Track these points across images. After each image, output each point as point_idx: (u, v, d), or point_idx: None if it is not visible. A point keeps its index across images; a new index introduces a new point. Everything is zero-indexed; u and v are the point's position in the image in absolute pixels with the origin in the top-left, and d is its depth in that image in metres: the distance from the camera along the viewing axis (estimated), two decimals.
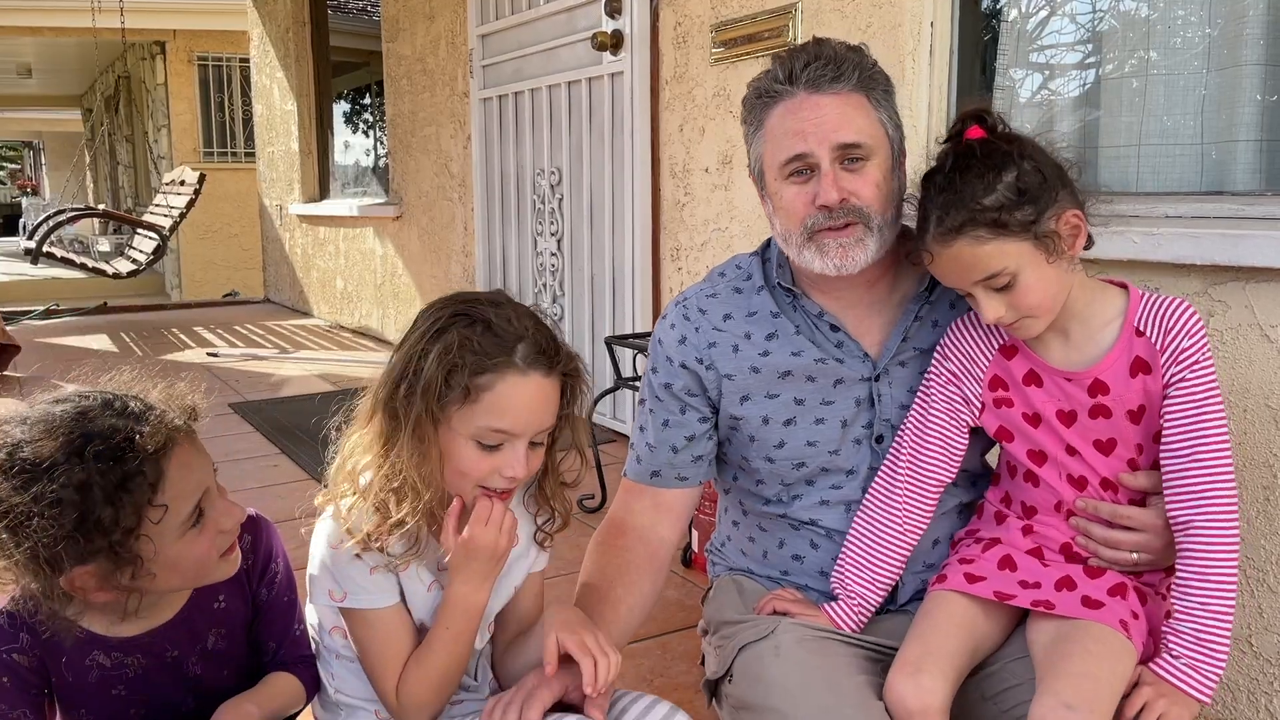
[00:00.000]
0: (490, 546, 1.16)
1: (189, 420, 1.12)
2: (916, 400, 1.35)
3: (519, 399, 1.13)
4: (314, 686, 1.29)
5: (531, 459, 1.18)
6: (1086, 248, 1.24)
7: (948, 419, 1.32)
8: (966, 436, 1.33)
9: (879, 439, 1.38)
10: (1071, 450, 1.26)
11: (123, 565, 1.03)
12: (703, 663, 1.45)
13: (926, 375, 1.35)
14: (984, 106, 1.24)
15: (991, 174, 1.16)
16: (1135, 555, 1.24)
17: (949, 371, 1.32)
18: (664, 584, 1.46)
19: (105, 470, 1.00)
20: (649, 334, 3.26)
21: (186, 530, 1.07)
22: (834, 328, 1.37)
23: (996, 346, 1.30)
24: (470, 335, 1.13)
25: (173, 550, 1.06)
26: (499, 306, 1.17)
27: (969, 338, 1.32)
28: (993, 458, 1.47)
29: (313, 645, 1.30)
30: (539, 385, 1.15)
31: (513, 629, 1.34)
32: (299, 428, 3.86)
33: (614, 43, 3.45)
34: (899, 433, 1.35)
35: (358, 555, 1.16)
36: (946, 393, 1.32)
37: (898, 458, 1.34)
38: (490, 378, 1.12)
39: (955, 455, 1.33)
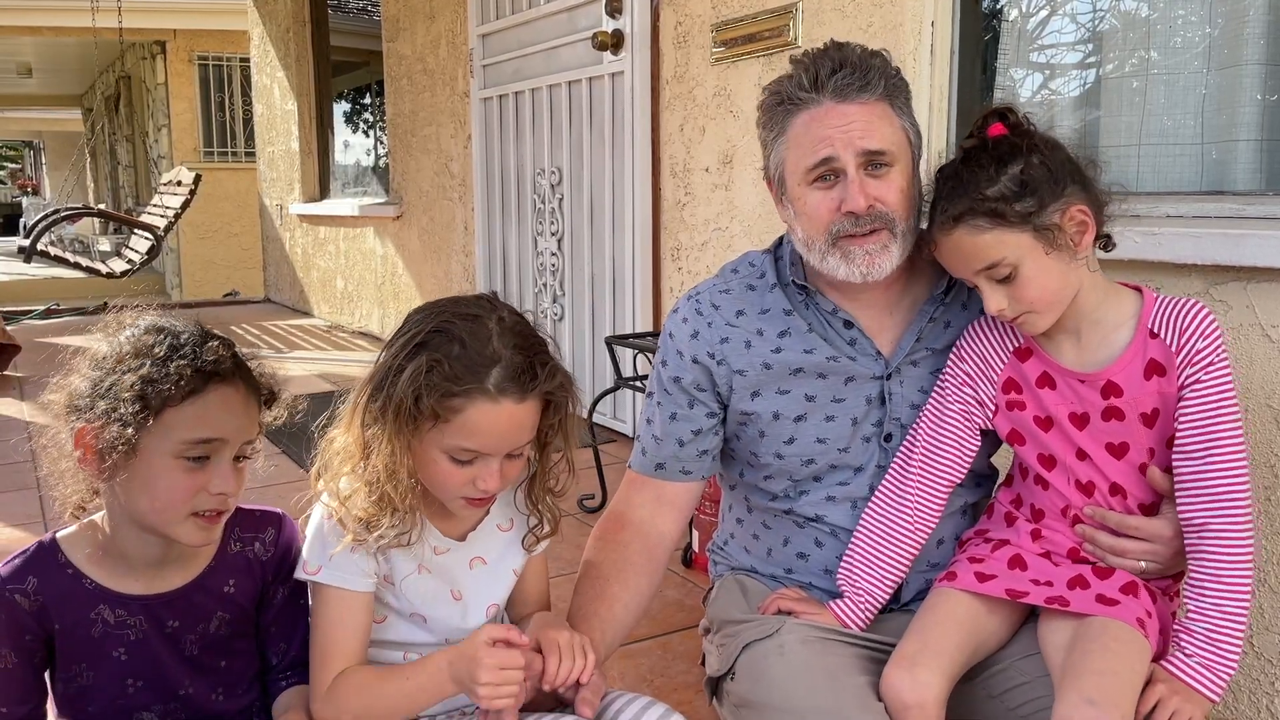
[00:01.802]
0: (483, 688, 1.11)
1: (263, 394, 1.18)
2: (931, 400, 1.35)
3: (488, 424, 1.13)
4: None
5: (508, 469, 1.18)
6: (1108, 249, 1.25)
7: (962, 420, 1.32)
8: (979, 438, 1.34)
9: (888, 437, 1.38)
10: (1081, 455, 1.26)
11: (116, 433, 1.07)
12: (703, 662, 1.45)
13: (942, 376, 1.35)
14: (1010, 105, 1.25)
15: (996, 166, 1.18)
16: (1143, 564, 1.24)
17: (964, 373, 1.33)
18: (663, 582, 1.46)
19: (164, 355, 1.09)
20: (649, 333, 3.27)
21: (180, 456, 1.09)
22: (847, 324, 1.38)
23: (1011, 349, 1.30)
24: (442, 358, 1.11)
25: (156, 462, 1.08)
26: (479, 321, 1.15)
27: (984, 340, 1.32)
28: (999, 459, 1.47)
29: None
30: (510, 412, 1.13)
31: (520, 610, 1.36)
32: (299, 427, 3.86)
33: (614, 42, 3.45)
34: (911, 431, 1.36)
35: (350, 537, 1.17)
36: (961, 394, 1.32)
37: (909, 456, 1.34)
38: (460, 402, 1.11)
39: (968, 456, 1.34)
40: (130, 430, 1.06)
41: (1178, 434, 1.20)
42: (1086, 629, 1.17)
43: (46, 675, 1.19)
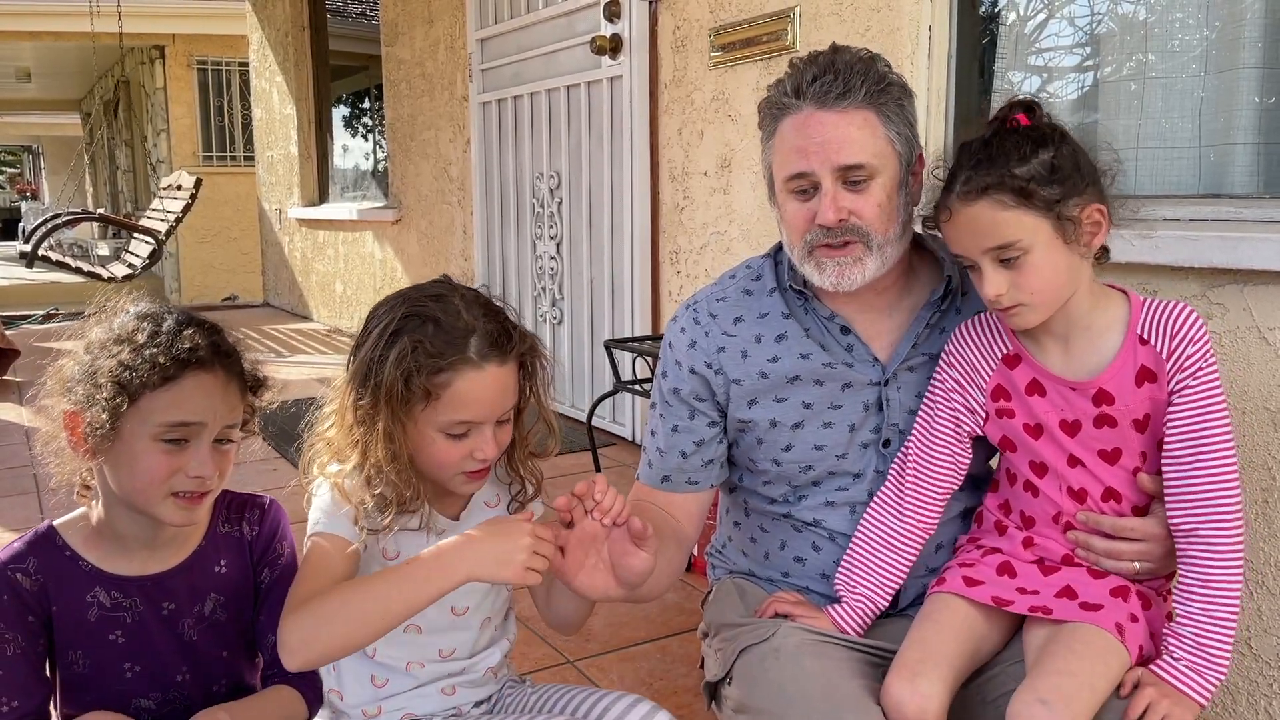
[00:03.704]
0: (525, 555, 1.09)
1: (248, 380, 1.19)
2: (922, 409, 1.34)
3: (477, 391, 1.16)
4: (318, 701, 1.28)
5: (500, 435, 1.21)
6: (1104, 260, 1.24)
7: (953, 428, 1.31)
8: (971, 447, 1.33)
9: (886, 444, 1.38)
10: (1074, 461, 1.24)
11: (95, 416, 1.10)
12: (702, 666, 1.45)
13: (931, 384, 1.34)
14: (1035, 99, 1.24)
15: (1029, 146, 1.17)
16: (1137, 565, 1.23)
17: (953, 380, 1.31)
18: (681, 566, 1.44)
19: (143, 341, 1.12)
20: (648, 337, 3.27)
21: (158, 439, 1.11)
22: (845, 330, 1.38)
23: (1000, 356, 1.28)
24: (422, 338, 1.15)
25: (136, 445, 1.11)
26: (445, 300, 1.19)
27: (972, 346, 1.31)
28: (990, 462, 1.48)
29: None
30: (495, 375, 1.17)
31: (543, 583, 1.33)
32: (298, 431, 3.86)
33: (613, 46, 3.46)
34: (905, 442, 1.35)
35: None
36: (951, 401, 1.31)
37: (904, 464, 1.34)
38: (448, 375, 1.15)
39: (962, 463, 1.33)
40: (106, 415, 1.09)
41: (1166, 439, 1.19)
42: (1059, 632, 1.18)
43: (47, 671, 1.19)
